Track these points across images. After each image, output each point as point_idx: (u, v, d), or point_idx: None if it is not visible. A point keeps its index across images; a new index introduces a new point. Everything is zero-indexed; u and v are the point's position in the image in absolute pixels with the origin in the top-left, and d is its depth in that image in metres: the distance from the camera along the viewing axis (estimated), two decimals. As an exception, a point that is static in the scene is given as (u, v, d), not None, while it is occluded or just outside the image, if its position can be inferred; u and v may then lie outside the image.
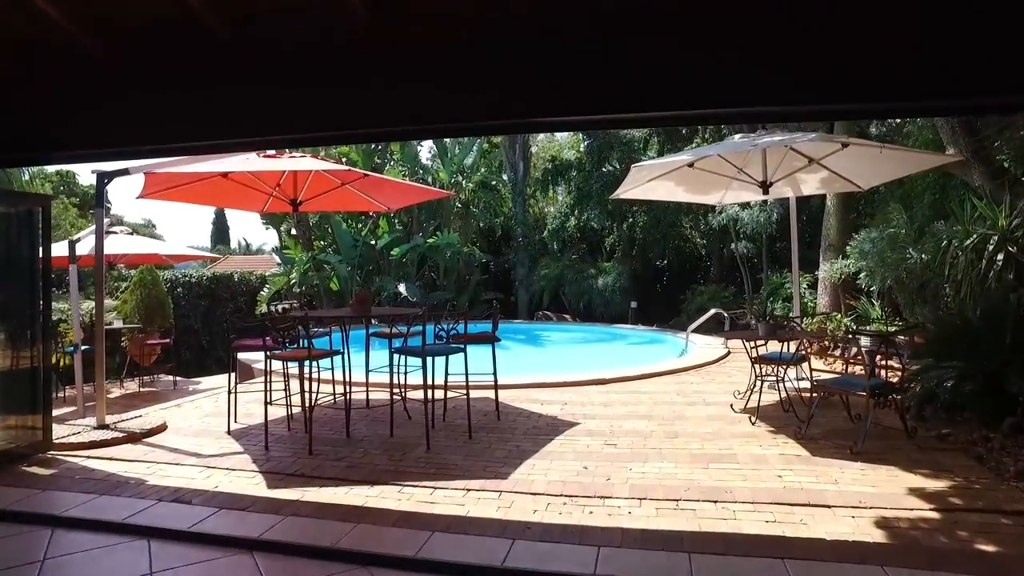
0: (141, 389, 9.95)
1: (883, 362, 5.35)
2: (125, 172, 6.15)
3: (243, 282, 19.64)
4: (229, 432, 6.08)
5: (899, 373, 6.09)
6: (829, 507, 3.91)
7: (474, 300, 19.48)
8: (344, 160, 17.47)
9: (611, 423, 6.18)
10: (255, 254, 43.27)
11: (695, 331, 12.34)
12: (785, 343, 6.35)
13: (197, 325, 18.21)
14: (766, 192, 6.16)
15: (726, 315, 11.59)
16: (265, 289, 17.06)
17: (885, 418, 5.59)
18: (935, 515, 3.74)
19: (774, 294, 14.17)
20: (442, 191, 7.23)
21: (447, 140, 18.77)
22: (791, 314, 12.61)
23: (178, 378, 11.07)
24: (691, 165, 6.52)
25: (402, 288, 15.99)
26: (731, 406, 6.59)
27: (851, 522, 3.70)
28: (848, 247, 10.70)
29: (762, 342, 6.42)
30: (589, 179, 16.96)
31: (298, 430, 6.11)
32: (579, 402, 7.22)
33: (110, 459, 5.27)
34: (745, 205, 14.79)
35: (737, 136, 6.33)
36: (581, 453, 5.20)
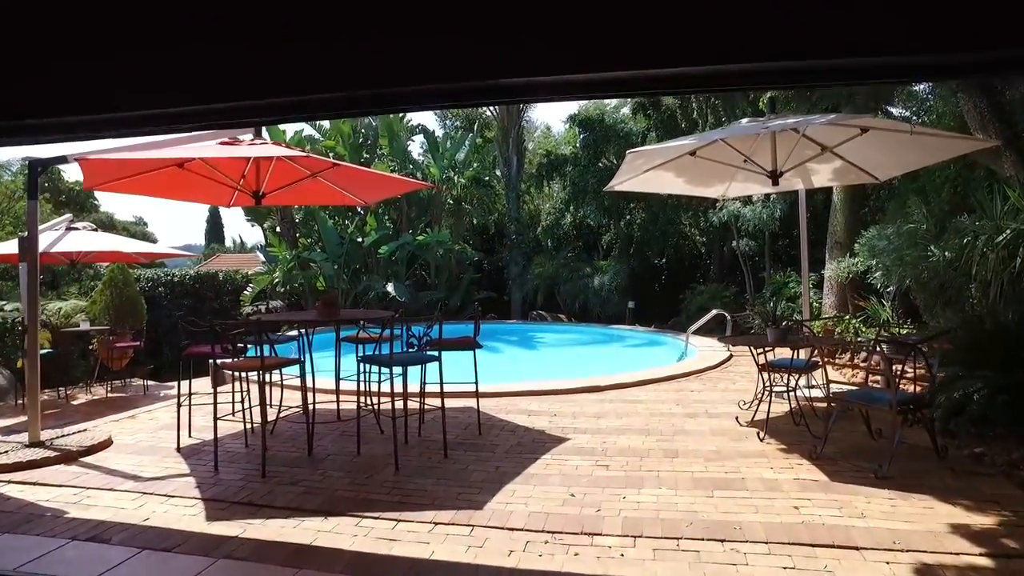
0: (109, 395, 9.30)
1: (900, 369, 4.74)
2: (63, 160, 5.54)
3: (228, 281, 19.01)
4: (179, 449, 5.47)
5: (922, 383, 5.50)
6: (858, 549, 3.31)
7: (467, 300, 18.86)
8: (331, 155, 16.86)
9: (604, 438, 5.57)
10: (250, 252, 42.61)
11: (696, 333, 11.76)
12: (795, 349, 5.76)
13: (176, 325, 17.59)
14: (775, 183, 5.56)
15: (728, 317, 11.01)
16: (249, 289, 16.43)
17: (910, 434, 4.99)
18: (987, 562, 3.14)
19: (777, 294, 13.57)
20: (420, 183, 6.61)
21: (439, 134, 18.16)
22: (799, 316, 12.08)
23: (150, 382, 10.43)
24: (693, 153, 5.92)
25: (390, 288, 15.37)
26: (736, 419, 5.99)
27: (886, 570, 3.09)
28: (856, 244, 10.09)
29: (770, 348, 5.82)
30: (585, 174, 16.33)
31: (256, 447, 5.50)
32: (570, 413, 6.61)
33: (34, 484, 4.65)
34: (747, 201, 14.20)
35: (744, 120, 5.72)
36: (569, 476, 4.59)
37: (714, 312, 11.12)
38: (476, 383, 6.05)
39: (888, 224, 7.59)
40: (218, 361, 5.05)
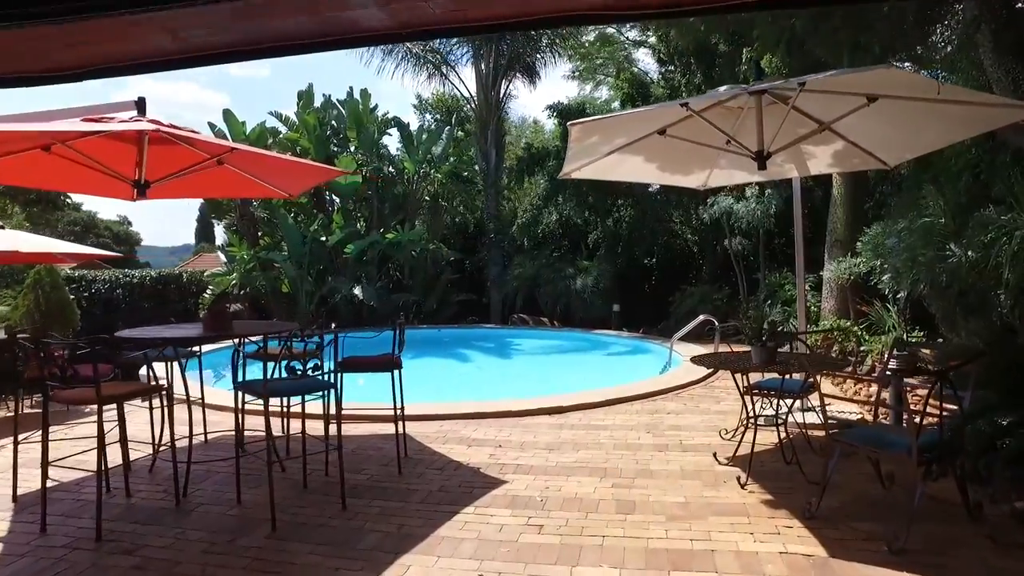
0: (24, 411, 8.17)
1: (922, 401, 3.67)
2: None
3: (193, 282, 17.96)
4: (15, 498, 4.38)
5: (939, 410, 4.43)
6: None
7: (444, 302, 17.79)
8: (298, 149, 15.80)
9: (548, 481, 4.50)
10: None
11: (684, 340, 10.70)
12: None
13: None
14: (762, 166, 4.47)
15: (716, 324, 9.94)
16: (208, 291, 15.36)
17: (933, 484, 3.91)
18: None
19: (772, 296, 12.51)
20: (340, 169, 5.56)
21: (413, 128, 17.10)
22: (794, 325, 11.01)
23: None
24: (663, 132, 4.83)
25: (358, 291, 14.29)
26: (715, 455, 4.91)
27: None
28: (859, 243, 9.04)
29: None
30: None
31: (119, 492, 4.43)
32: (519, 443, 5.54)
33: None
34: (740, 196, 13.13)
35: (723, 88, 4.65)
36: (487, 543, 3.51)
37: (701, 318, 10.06)
38: (396, 407, 4.99)
39: (897, 219, 6.51)
40: (46, 391, 3.96)
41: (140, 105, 5.21)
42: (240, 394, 4.53)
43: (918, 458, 3.19)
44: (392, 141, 18.60)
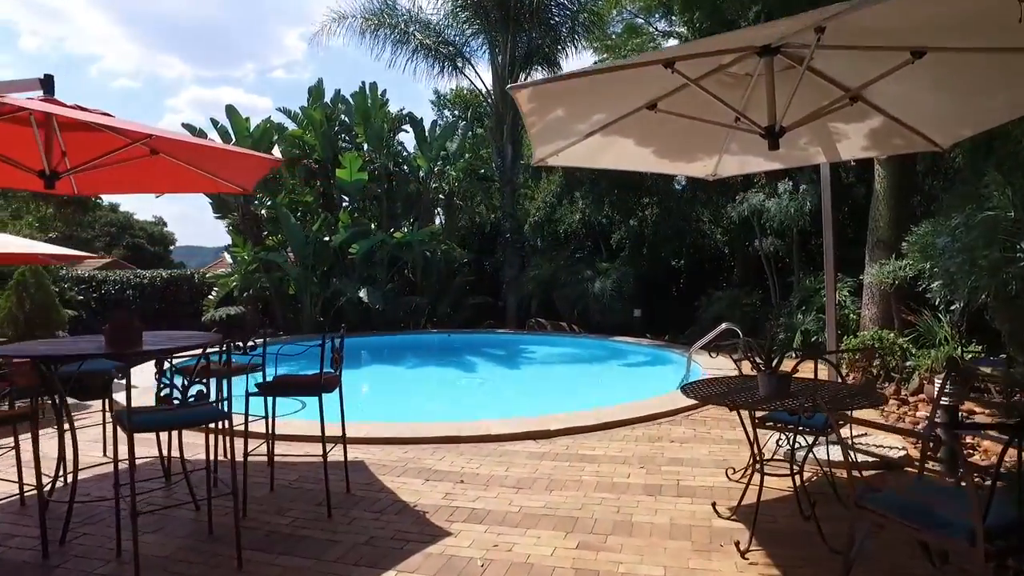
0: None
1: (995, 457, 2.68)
2: None
3: (204, 283, 17.60)
4: None
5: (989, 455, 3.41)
6: None
7: (459, 305, 17.01)
8: (303, 146, 15.21)
9: (501, 537, 3.62)
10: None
11: (707, 349, 9.67)
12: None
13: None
14: (774, 144, 3.52)
15: (740, 333, 8.89)
16: (214, 292, 14.88)
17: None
18: None
19: (807, 302, 11.36)
20: (271, 157, 4.79)
21: (426, 123, 16.38)
22: (824, 339, 9.88)
23: (73, 400, 8.79)
24: (653, 108, 3.91)
25: (363, 294, 13.60)
26: (714, 505, 3.96)
27: None
28: (905, 243, 7.92)
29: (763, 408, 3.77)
30: (583, 163, 14.26)
31: (29, 525, 3.73)
32: (486, 477, 4.68)
33: None
34: (772, 192, 12.03)
35: (724, 34, 3.71)
36: (390, 635, 2.67)
37: (723, 327, 9.03)
38: (324, 432, 4.18)
39: (951, 214, 5.42)
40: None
41: (46, 83, 4.50)
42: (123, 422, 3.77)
43: (986, 547, 2.22)
44: (410, 139, 17.89)
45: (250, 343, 4.97)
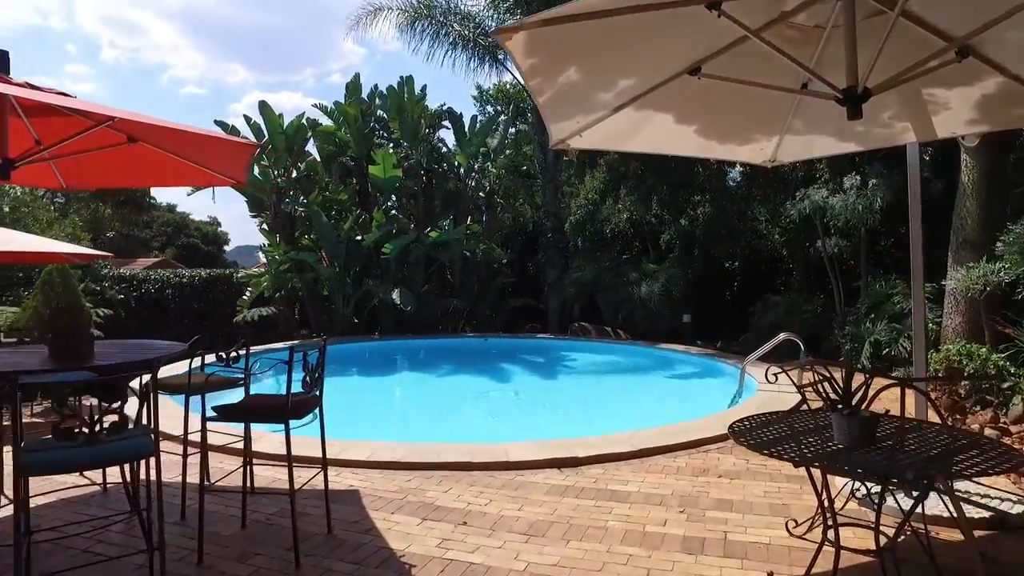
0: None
1: None
2: None
3: (242, 282, 17.43)
4: None
5: None
6: None
7: (499, 307, 16.34)
8: (338, 143, 14.80)
9: (497, 609, 2.91)
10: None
11: (762, 361, 8.71)
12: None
13: (186, 331, 16.06)
14: (855, 112, 2.67)
15: (801, 344, 7.93)
16: (247, 292, 14.62)
17: None
18: None
19: (876, 309, 10.22)
20: (246, 140, 4.23)
21: (466, 118, 15.77)
22: (904, 348, 8.76)
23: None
24: (696, 73, 3.12)
25: (395, 295, 13.06)
26: (770, 575, 3.13)
27: None
28: (1000, 243, 6.86)
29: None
30: (625, 156, 13.36)
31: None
32: (494, 517, 3.97)
33: None
34: (837, 187, 10.91)
35: None
36: None
37: (780, 337, 8.06)
38: (291, 464, 3.53)
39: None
40: None
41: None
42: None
43: None
44: (451, 136, 17.30)
45: (233, 353, 4.40)
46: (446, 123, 16.69)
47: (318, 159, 14.86)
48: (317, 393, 3.64)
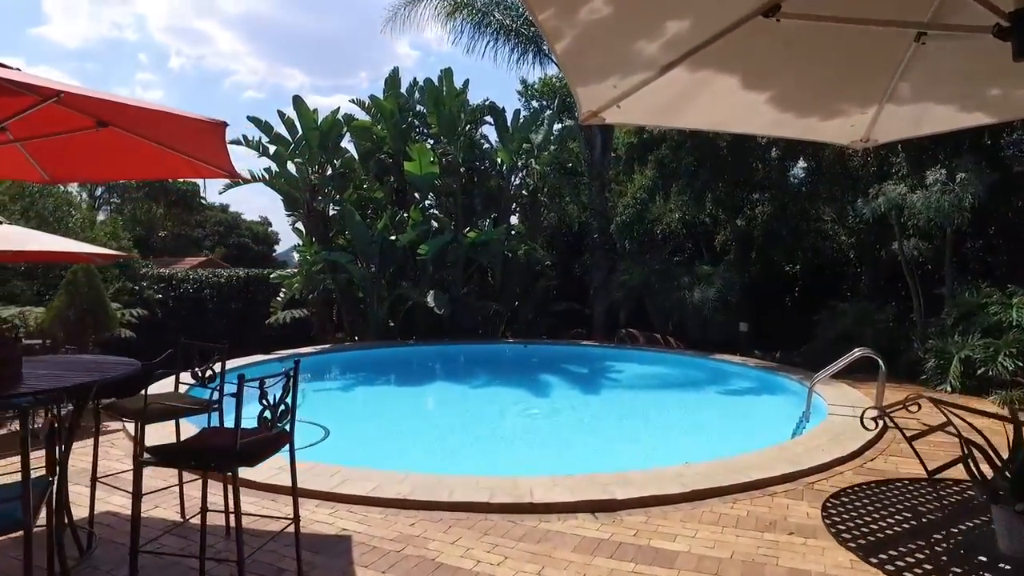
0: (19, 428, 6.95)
1: None
2: None
3: (280, 282, 17.13)
4: None
5: None
6: None
7: (542, 311, 15.54)
8: (374, 139, 14.26)
9: None
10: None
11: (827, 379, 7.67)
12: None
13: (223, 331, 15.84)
14: (1022, 52, 1.82)
15: (881, 363, 6.87)
16: (281, 294, 14.24)
17: None
18: None
19: (965, 320, 8.99)
20: (212, 119, 3.63)
21: (508, 112, 15.02)
22: (1003, 365, 7.55)
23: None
24: (772, 12, 2.29)
25: (429, 298, 12.42)
26: None
27: None
28: None
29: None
30: (679, 151, 12.36)
31: None
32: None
33: None
34: (918, 184, 9.72)
35: None
36: None
37: (857, 353, 7.01)
38: (239, 512, 2.84)
39: None
40: None
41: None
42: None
43: None
44: (493, 133, 16.57)
45: (208, 371, 3.77)
46: (488, 118, 16.00)
47: (356, 156, 14.36)
48: (287, 428, 2.93)
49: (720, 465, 4.96)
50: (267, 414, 2.71)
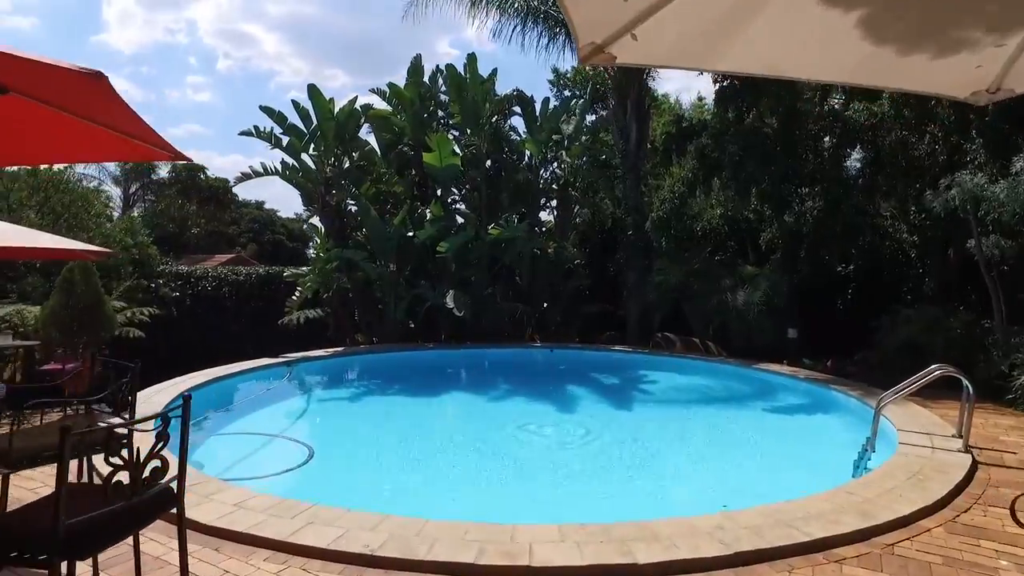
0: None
1: None
2: None
3: (294, 280, 16.57)
4: None
5: None
6: None
7: (572, 313, 14.58)
8: (394, 129, 13.52)
9: None
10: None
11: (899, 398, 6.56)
12: None
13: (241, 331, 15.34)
14: None
15: (966, 382, 5.77)
16: (297, 292, 13.61)
17: None
18: None
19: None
20: (90, 69, 2.94)
21: (537, 101, 14.11)
22: None
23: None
24: None
25: (448, 298, 11.60)
26: None
27: None
28: None
29: None
30: (720, 140, 11.26)
31: None
32: None
33: None
34: (1000, 173, 8.51)
35: None
36: None
37: (936, 372, 5.91)
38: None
39: None
40: None
41: None
42: None
43: None
44: (522, 124, 15.66)
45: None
46: (516, 109, 15.11)
47: (376, 148, 13.64)
48: (173, 487, 2.11)
49: (769, 514, 3.99)
50: (121, 476, 1.88)
